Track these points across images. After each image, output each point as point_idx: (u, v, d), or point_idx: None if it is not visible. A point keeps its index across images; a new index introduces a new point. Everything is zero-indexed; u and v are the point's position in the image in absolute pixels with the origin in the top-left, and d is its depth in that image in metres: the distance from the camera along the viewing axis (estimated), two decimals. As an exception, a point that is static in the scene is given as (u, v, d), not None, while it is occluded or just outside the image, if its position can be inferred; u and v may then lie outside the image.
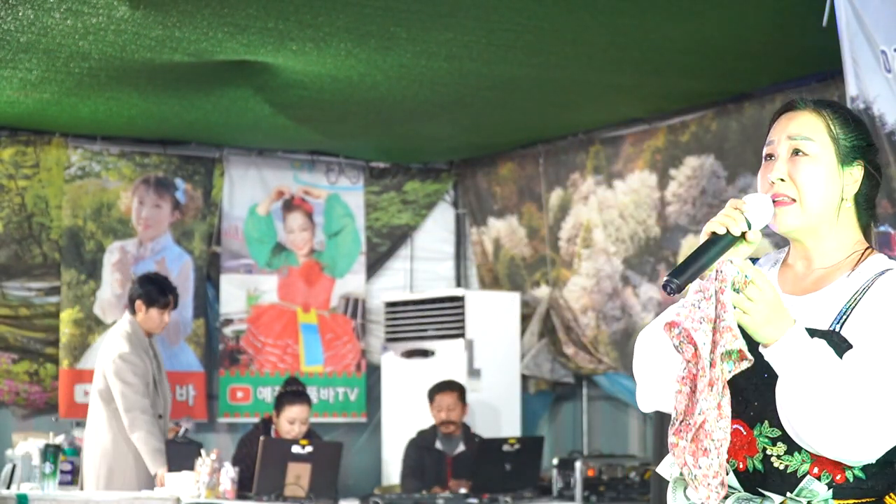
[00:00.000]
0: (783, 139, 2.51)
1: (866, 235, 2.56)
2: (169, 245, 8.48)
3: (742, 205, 2.43)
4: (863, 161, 2.52)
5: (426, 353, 8.51)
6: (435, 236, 9.43)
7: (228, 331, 8.65)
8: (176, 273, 8.30)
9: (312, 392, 8.26)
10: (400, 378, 8.67)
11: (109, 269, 8.26)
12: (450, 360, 8.34)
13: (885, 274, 2.43)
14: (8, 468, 6.96)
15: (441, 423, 7.73)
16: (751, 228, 2.42)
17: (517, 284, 8.86)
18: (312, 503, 6.65)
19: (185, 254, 8.51)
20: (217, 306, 8.64)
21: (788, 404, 2.34)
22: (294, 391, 7.32)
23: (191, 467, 6.65)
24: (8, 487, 6.82)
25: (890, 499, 2.44)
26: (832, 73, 6.27)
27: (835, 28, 5.00)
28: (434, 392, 7.78)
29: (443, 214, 9.48)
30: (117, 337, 7.07)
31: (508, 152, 8.96)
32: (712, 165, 7.48)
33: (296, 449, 6.76)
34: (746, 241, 2.42)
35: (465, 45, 6.20)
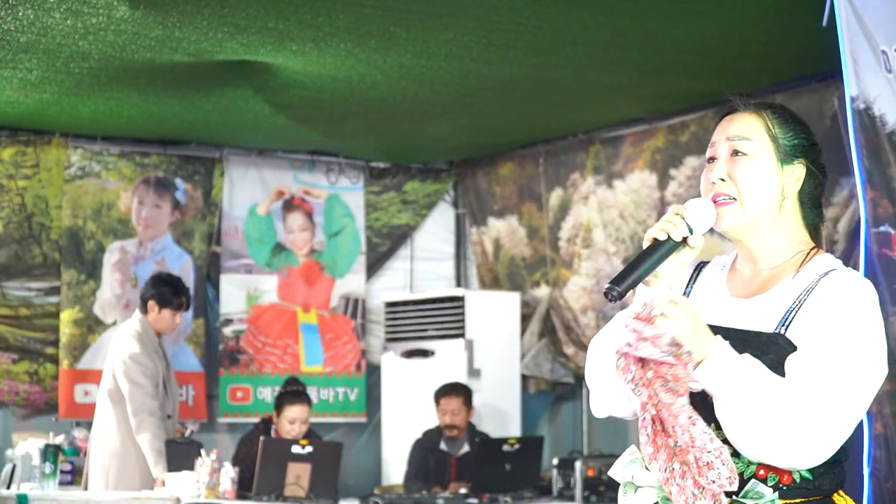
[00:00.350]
0: (723, 141, 2.55)
1: (815, 235, 2.58)
2: (169, 245, 8.47)
3: (683, 210, 2.47)
4: (804, 160, 2.55)
5: (426, 354, 8.50)
6: (435, 236, 9.43)
7: (228, 331, 8.65)
8: (176, 273, 8.29)
9: (312, 392, 8.26)
10: (400, 378, 8.66)
11: (109, 269, 8.25)
12: (450, 361, 8.34)
13: (829, 275, 2.45)
14: (8, 468, 6.96)
15: (445, 427, 7.72)
16: (692, 233, 2.46)
17: (517, 284, 8.86)
18: (312, 503, 6.65)
19: (185, 254, 8.51)
20: (217, 306, 8.64)
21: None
22: (294, 391, 7.31)
23: (191, 467, 6.65)
24: (8, 487, 6.81)
25: (838, 496, 2.46)
26: (832, 73, 6.26)
27: (835, 28, 4.99)
28: (440, 395, 7.77)
29: (443, 214, 9.47)
30: (127, 336, 7.04)
31: (508, 152, 8.95)
32: (712, 165, 7.47)
33: (296, 449, 6.76)
34: (689, 246, 2.47)
35: (465, 45, 6.20)
